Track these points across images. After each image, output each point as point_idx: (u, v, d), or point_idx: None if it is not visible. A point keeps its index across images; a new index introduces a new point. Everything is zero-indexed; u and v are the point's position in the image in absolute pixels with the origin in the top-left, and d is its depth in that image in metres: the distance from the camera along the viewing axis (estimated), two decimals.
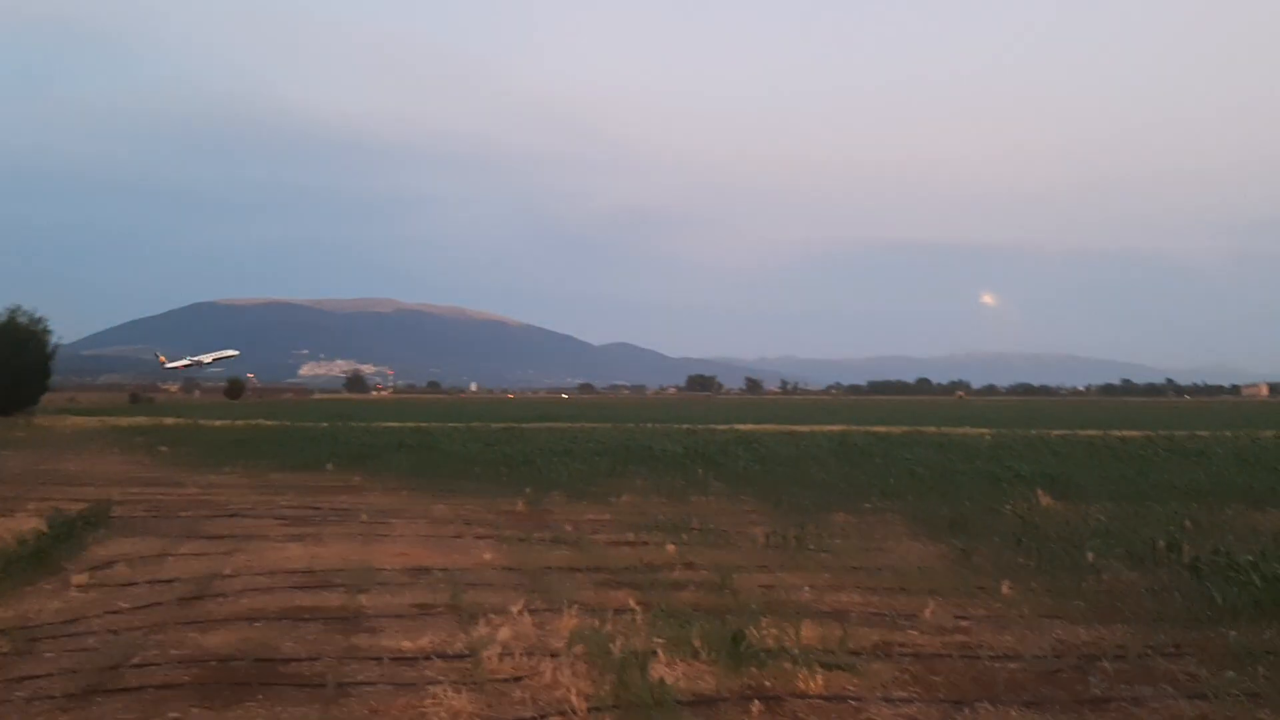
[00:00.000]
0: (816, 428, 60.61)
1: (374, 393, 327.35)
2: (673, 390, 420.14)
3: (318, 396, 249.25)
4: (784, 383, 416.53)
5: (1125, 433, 55.30)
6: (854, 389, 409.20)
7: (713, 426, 60.03)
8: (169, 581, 12.82)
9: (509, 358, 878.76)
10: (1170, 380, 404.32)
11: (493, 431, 49.93)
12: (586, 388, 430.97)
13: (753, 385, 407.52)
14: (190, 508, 20.92)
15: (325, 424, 60.55)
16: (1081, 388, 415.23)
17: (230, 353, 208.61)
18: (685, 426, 59.22)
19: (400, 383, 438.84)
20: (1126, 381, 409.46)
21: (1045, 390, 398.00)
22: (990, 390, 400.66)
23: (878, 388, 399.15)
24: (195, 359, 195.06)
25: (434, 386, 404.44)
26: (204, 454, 36.91)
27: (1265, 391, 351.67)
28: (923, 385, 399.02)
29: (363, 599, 11.70)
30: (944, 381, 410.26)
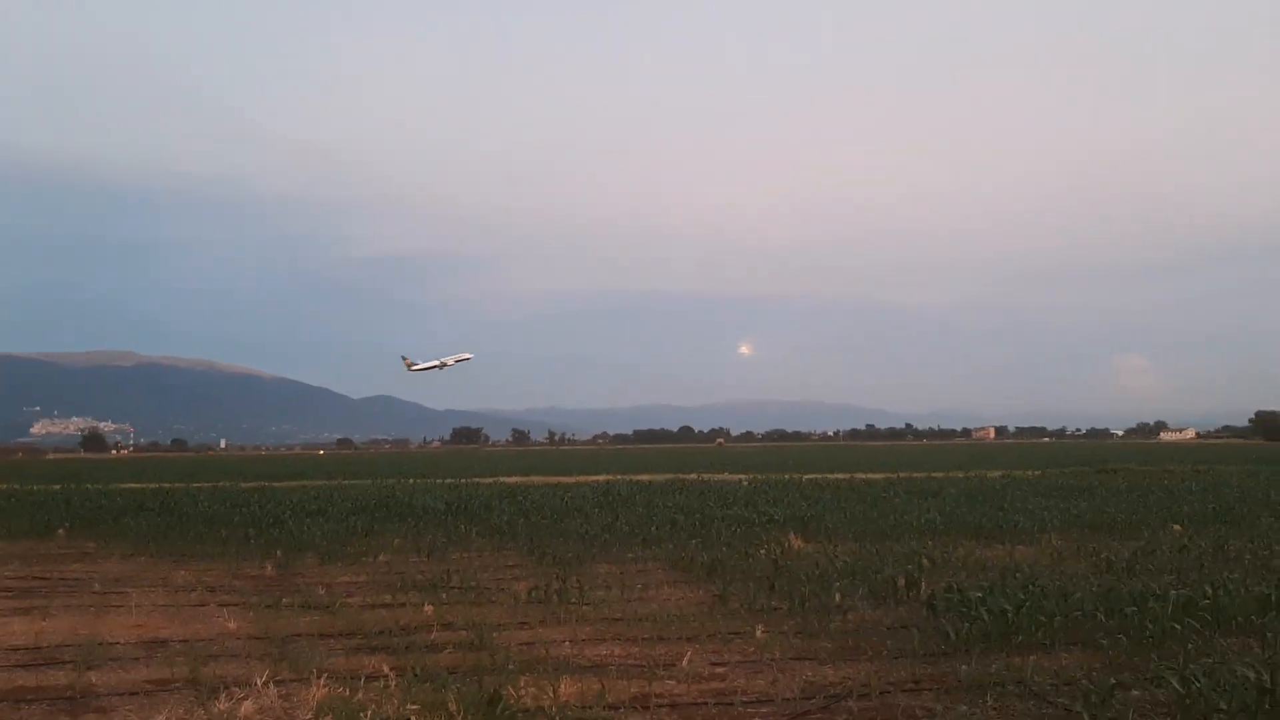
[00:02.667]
0: (582, 478, 61.08)
1: (113, 452, 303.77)
2: (437, 444, 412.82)
3: (52, 457, 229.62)
4: (551, 434, 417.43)
5: (869, 475, 58.88)
6: (620, 438, 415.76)
7: (477, 480, 59.32)
8: None
9: (262, 412, 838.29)
10: (909, 425, 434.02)
11: (241, 491, 47.24)
12: (345, 443, 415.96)
13: (519, 437, 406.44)
14: None
15: (57, 486, 55.51)
16: (831, 433, 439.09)
17: (465, 355, 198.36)
18: (448, 481, 58.23)
19: (142, 441, 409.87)
20: (871, 426, 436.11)
21: (798, 435, 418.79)
22: (748, 436, 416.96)
23: (643, 436, 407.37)
24: (441, 360, 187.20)
25: (179, 444, 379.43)
26: None
27: (992, 434, 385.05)
28: (685, 433, 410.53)
29: (92, 676, 10.85)
30: (705, 429, 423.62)
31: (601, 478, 60.99)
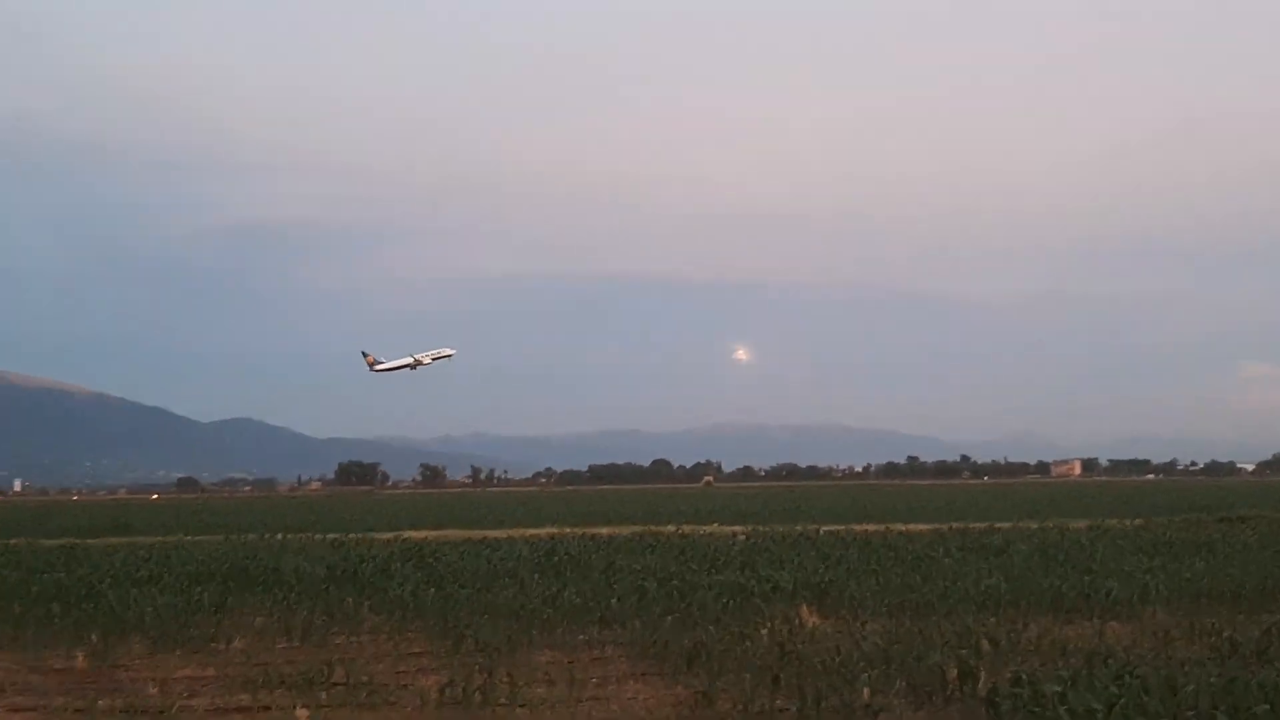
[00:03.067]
0: (517, 531, 60.82)
1: None
2: (317, 485, 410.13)
3: None
4: (475, 471, 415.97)
5: (910, 526, 59.04)
6: (570, 476, 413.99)
7: (372, 535, 58.93)
8: None
9: (73, 441, 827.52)
10: (966, 457, 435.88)
11: (43, 551, 46.74)
12: (189, 483, 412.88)
13: (431, 475, 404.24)
14: None
15: None
16: (859, 468, 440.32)
17: (448, 351, 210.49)
18: (332, 537, 57.79)
19: None
20: (913, 459, 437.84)
21: (814, 472, 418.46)
22: (746, 473, 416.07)
23: (602, 474, 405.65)
24: (414, 357, 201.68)
25: None
26: None
27: (1077, 470, 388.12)
28: (660, 469, 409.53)
29: None
30: (688, 463, 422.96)
31: (545, 531, 60.73)
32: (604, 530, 59.28)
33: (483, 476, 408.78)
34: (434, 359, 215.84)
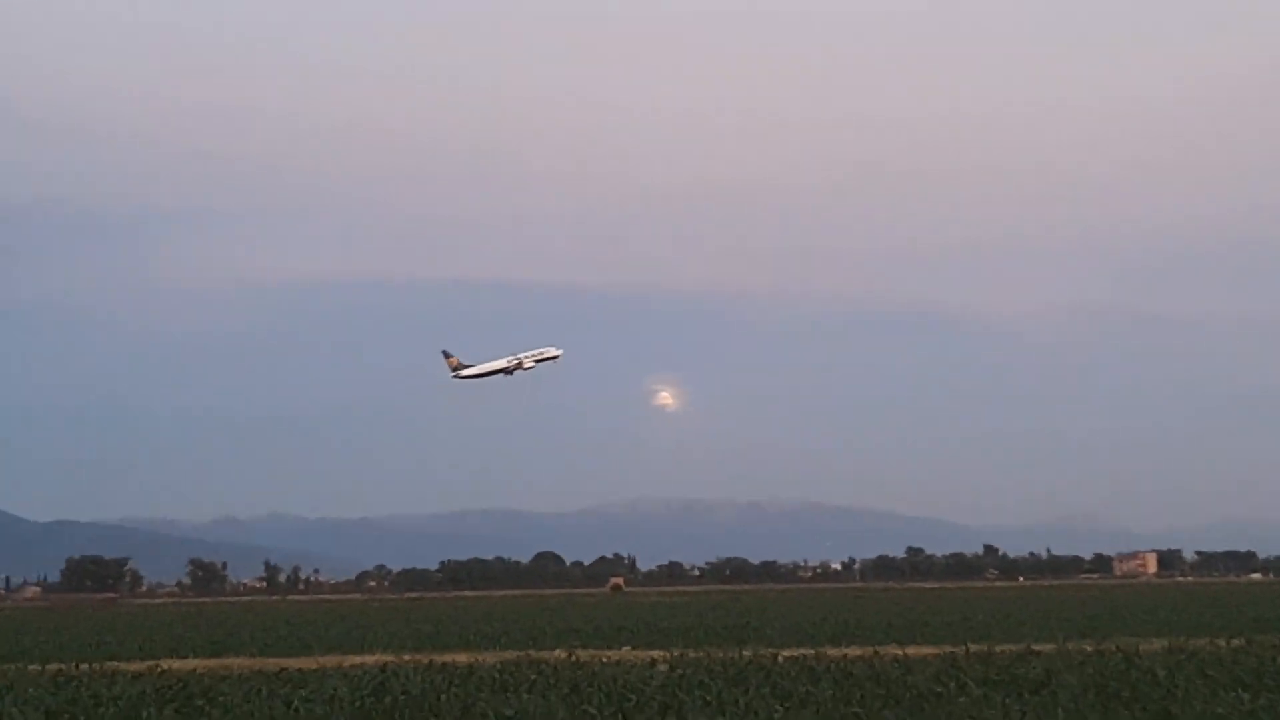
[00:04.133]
0: (332, 660, 60.49)
1: None
2: (34, 591, 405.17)
3: None
4: (271, 569, 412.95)
5: (911, 649, 59.22)
6: (414, 577, 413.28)
7: (116, 666, 58.30)
8: None
9: None
10: (992, 549, 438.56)
11: None
12: None
13: (205, 576, 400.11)
14: None
15: None
16: (837, 563, 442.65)
17: (553, 351, 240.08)
18: (54, 669, 57.14)
19: None
20: (916, 552, 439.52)
21: (772, 570, 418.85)
22: (673, 572, 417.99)
23: (459, 574, 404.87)
24: (516, 358, 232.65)
25: None
26: None
27: (1153, 567, 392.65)
28: (546, 565, 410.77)
29: None
30: (588, 558, 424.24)
31: (373, 658, 60.42)
32: (461, 658, 59.04)
33: (283, 578, 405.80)
34: (538, 360, 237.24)
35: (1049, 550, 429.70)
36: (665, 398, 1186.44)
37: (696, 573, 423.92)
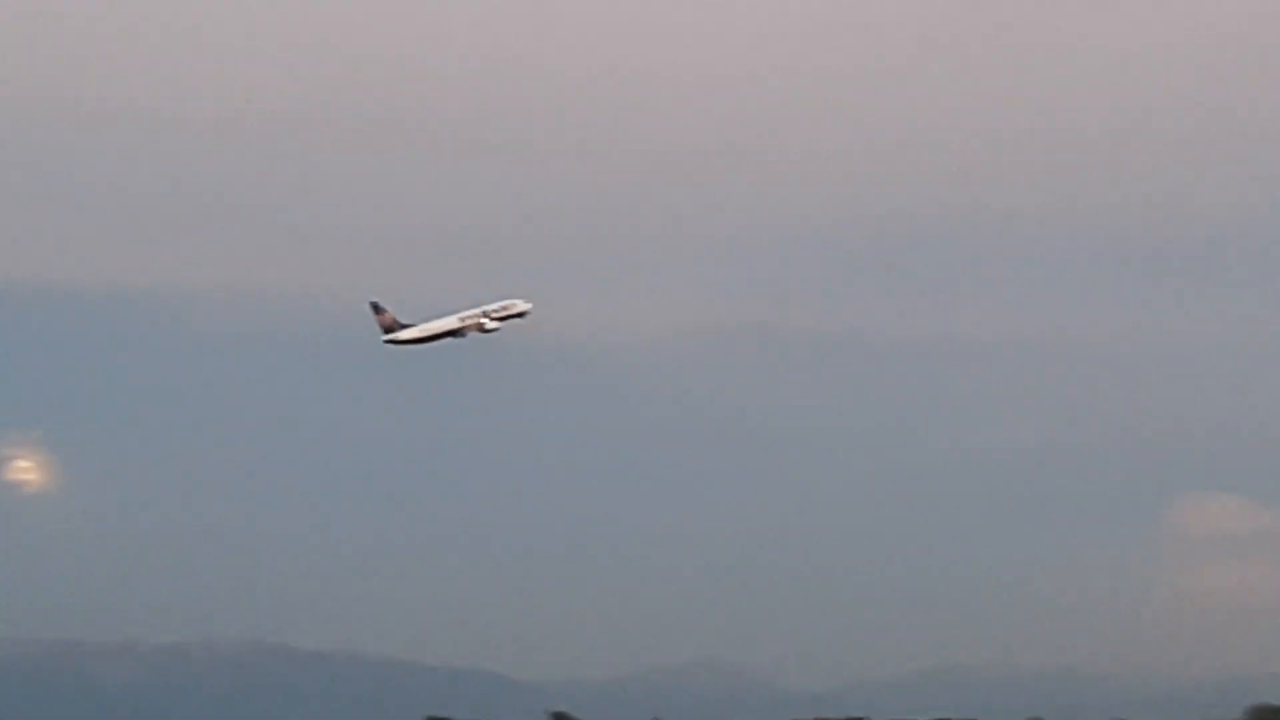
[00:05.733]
0: None
1: None
2: None
3: None
4: None
5: None
6: None
7: None
8: None
9: None
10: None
11: None
12: None
13: None
14: None
15: None
16: None
17: (520, 305, 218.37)
18: None
19: None
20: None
21: None
22: None
23: None
24: (478, 314, 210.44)
25: None
26: None
27: None
28: None
29: None
30: None
31: None
32: None
33: None
34: (501, 318, 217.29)
35: None
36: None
37: None
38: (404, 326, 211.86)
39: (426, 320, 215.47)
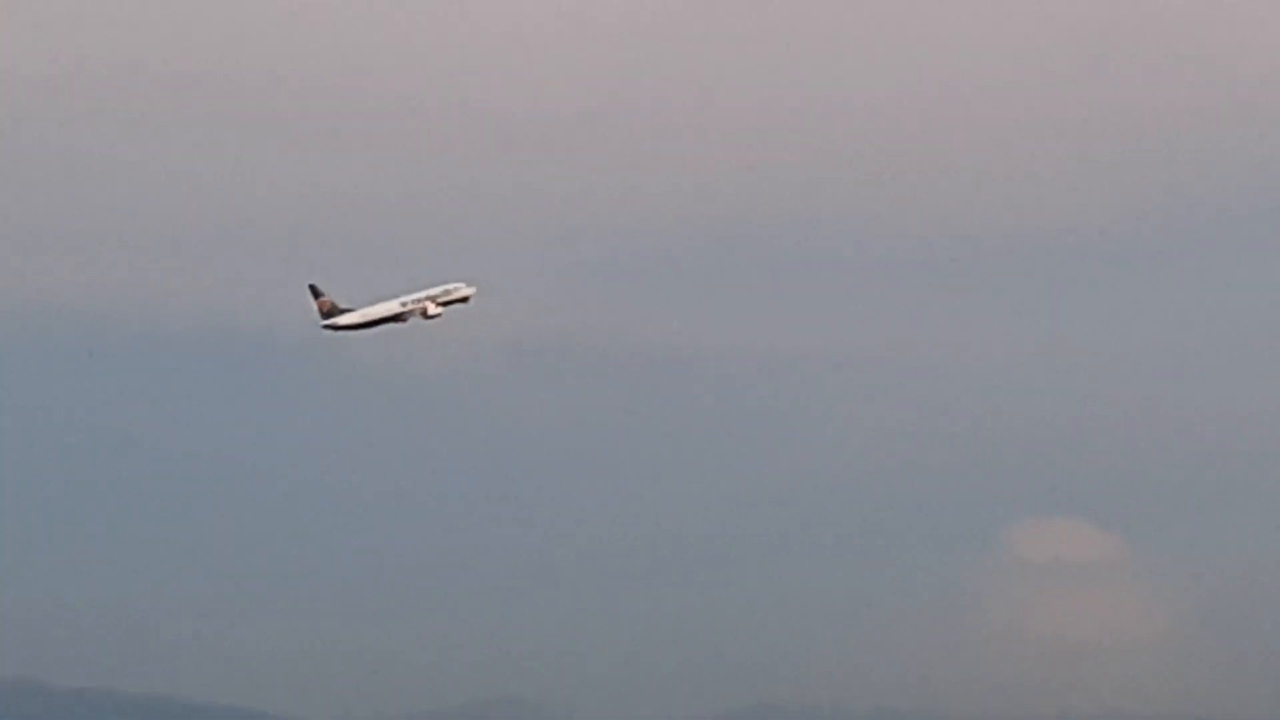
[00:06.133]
0: None
1: None
2: None
3: None
4: None
5: None
6: None
7: None
8: None
9: None
10: None
11: None
12: None
13: None
14: None
15: None
16: None
17: (463, 290, 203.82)
18: None
19: None
20: None
21: None
22: None
23: None
24: (421, 299, 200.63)
25: None
26: None
27: None
28: None
29: None
30: None
31: None
32: None
33: None
34: (443, 303, 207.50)
35: None
36: None
37: None
38: (343, 311, 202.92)
39: (368, 305, 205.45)
